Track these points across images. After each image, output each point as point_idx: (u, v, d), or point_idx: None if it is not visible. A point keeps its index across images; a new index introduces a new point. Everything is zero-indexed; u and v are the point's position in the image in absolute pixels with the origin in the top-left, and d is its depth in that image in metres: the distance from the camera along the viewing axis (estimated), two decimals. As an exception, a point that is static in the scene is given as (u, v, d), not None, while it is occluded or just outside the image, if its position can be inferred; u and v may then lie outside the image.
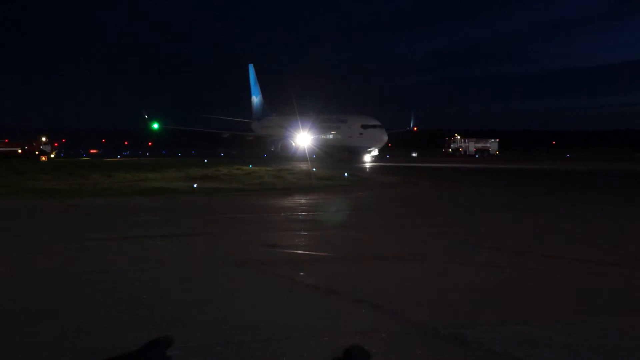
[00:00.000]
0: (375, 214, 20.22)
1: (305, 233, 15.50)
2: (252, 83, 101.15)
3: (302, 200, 24.35)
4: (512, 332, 7.29)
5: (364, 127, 71.54)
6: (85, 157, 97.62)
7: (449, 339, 7.10)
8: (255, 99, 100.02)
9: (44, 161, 68.60)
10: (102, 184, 29.78)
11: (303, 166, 48.14)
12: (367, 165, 61.38)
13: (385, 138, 72.46)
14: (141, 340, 7.05)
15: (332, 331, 7.36)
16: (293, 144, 78.62)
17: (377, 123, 72.79)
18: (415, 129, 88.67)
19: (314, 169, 41.19)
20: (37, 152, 74.25)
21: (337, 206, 22.44)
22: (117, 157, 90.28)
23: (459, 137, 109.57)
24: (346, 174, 36.79)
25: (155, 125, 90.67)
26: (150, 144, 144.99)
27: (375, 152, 71.47)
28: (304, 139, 77.01)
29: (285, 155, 76.23)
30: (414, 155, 76.70)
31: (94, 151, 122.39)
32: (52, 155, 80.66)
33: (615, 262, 11.55)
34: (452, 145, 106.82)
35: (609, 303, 8.75)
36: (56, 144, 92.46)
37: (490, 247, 13.17)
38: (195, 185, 28.48)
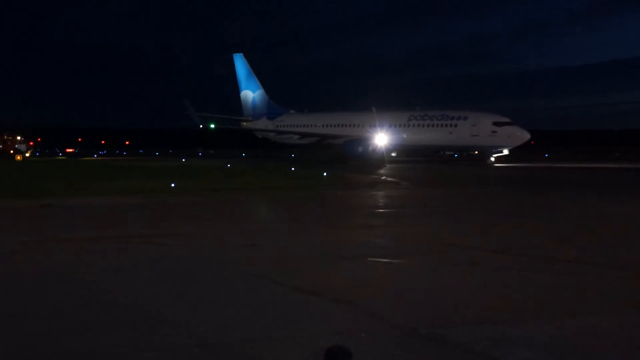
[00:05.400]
0: (356, 213, 20.20)
1: (284, 232, 15.45)
2: (242, 76, 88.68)
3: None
4: (490, 332, 7.30)
5: (498, 124, 61.51)
6: (61, 156, 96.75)
7: (428, 339, 7.11)
8: (252, 93, 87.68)
9: (18, 160, 67.91)
10: (78, 184, 29.48)
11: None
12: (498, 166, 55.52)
13: (527, 136, 62.41)
14: (117, 341, 6.98)
15: (310, 332, 7.34)
16: (379, 145, 67.93)
17: (509, 120, 62.80)
18: None
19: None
20: (11, 152, 73.44)
21: (320, 205, 22.39)
22: (93, 157, 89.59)
23: None
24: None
25: (212, 126, 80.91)
26: (127, 142, 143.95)
27: (505, 152, 61.98)
28: (382, 139, 67.59)
29: (378, 159, 65.32)
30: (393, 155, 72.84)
31: (70, 150, 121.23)
32: (28, 155, 79.89)
33: (595, 262, 11.64)
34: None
35: (586, 303, 8.80)
36: (32, 143, 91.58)
37: (465, 247, 13.23)
38: (173, 185, 28.29)
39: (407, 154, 70.97)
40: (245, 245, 13.27)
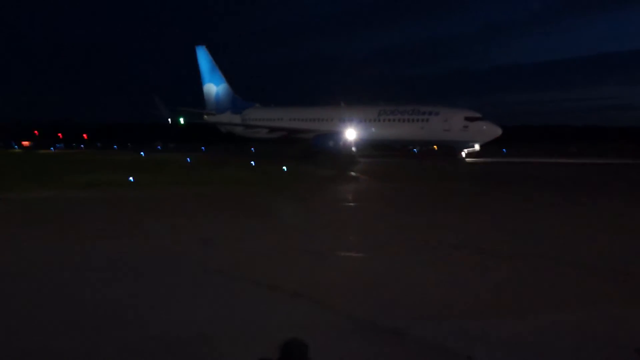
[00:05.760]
0: (315, 207, 20.21)
1: (240, 227, 15.35)
2: (205, 69, 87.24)
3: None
4: (449, 327, 7.40)
5: (469, 119, 61.95)
6: (16, 149, 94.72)
7: (388, 333, 7.16)
8: (215, 87, 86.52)
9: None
10: (39, 177, 28.93)
11: None
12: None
13: (499, 131, 62.88)
14: (75, 340, 6.89)
15: (271, 326, 7.34)
16: (348, 140, 66.38)
17: (480, 115, 63.53)
18: None
19: None
20: None
21: (281, 200, 22.31)
22: (50, 150, 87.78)
23: None
24: None
25: (182, 120, 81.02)
26: (85, 136, 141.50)
27: (477, 147, 61.28)
28: (352, 133, 66.65)
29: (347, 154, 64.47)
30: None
31: (26, 143, 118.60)
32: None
33: (550, 257, 11.81)
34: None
35: (544, 300, 8.95)
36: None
37: (426, 243, 13.31)
38: (131, 179, 27.90)
39: (377, 148, 71.02)
40: (204, 239, 13.20)
